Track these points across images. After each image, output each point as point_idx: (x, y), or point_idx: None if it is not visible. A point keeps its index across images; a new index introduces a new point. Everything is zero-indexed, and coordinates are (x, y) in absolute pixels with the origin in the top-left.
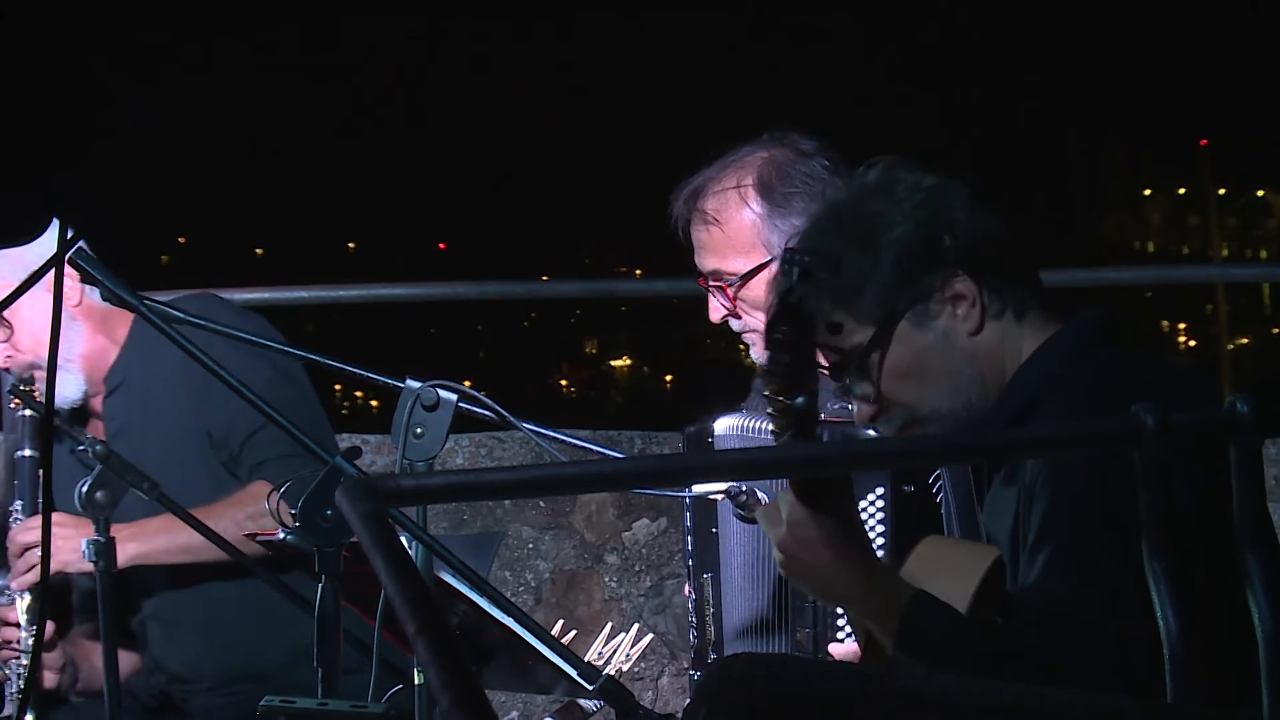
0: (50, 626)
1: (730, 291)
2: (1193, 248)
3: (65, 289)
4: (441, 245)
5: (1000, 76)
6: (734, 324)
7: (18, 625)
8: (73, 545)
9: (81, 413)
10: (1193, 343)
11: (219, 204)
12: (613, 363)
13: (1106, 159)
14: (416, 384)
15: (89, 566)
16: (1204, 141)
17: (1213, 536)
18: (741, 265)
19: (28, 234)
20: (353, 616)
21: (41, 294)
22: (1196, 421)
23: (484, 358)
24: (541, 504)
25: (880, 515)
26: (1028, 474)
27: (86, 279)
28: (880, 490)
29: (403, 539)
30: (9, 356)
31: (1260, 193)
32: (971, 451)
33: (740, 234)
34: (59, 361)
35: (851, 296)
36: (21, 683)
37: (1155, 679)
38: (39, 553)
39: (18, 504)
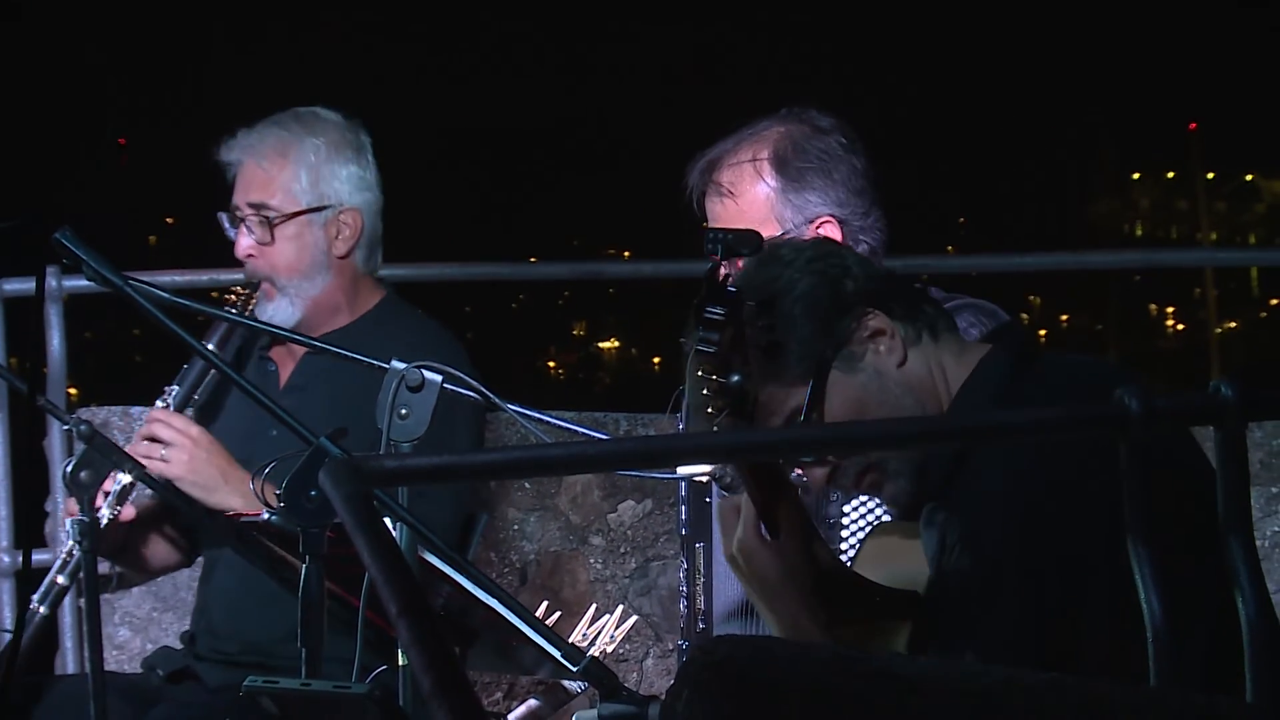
0: (129, 511)
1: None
2: (1181, 232)
3: (338, 237)
4: (428, 227)
5: (989, 61)
6: None
7: (105, 494)
8: (183, 459)
9: (280, 343)
10: (1181, 326)
11: (208, 184)
12: (601, 345)
13: (1095, 143)
14: (402, 365)
15: (196, 494)
16: (1193, 125)
17: (1195, 521)
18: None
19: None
20: (338, 598)
21: (317, 231)
22: (1181, 405)
23: (471, 339)
24: (527, 485)
25: (880, 514)
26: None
27: (72, 260)
28: (885, 515)
29: (386, 520)
30: (252, 256)
31: (1249, 177)
32: (952, 436)
33: (754, 207)
34: (290, 286)
35: (779, 365)
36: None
37: None
38: (159, 451)
39: (175, 388)
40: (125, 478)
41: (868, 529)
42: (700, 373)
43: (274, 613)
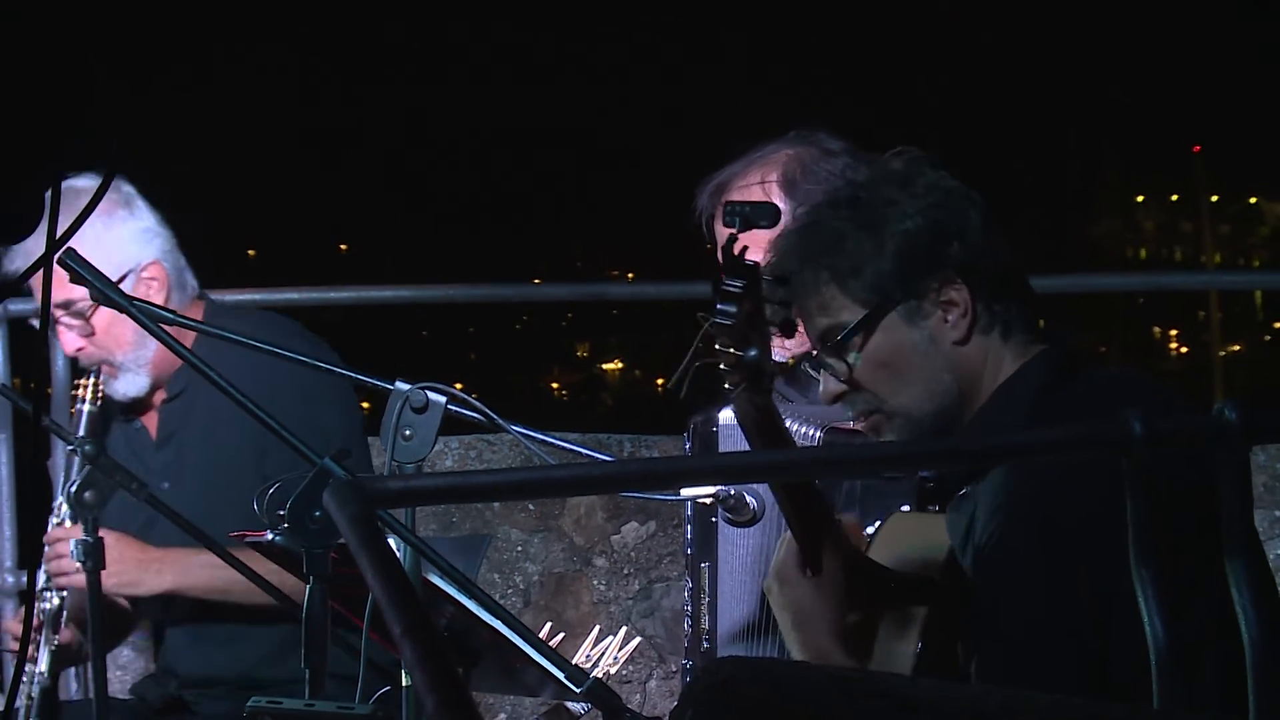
0: (66, 634)
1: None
2: (1185, 254)
3: (150, 294)
4: (432, 248)
5: (994, 82)
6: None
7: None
8: (112, 569)
9: (142, 404)
10: (1185, 350)
11: (210, 205)
12: (604, 366)
13: (1099, 165)
14: (406, 386)
15: (127, 592)
16: (1197, 148)
17: (1199, 543)
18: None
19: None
20: (341, 618)
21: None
22: (1184, 428)
23: (475, 360)
24: (530, 507)
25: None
26: (978, 532)
27: (75, 279)
28: (905, 508)
29: (391, 541)
30: (80, 349)
31: (1253, 200)
32: (961, 456)
33: (764, 230)
34: (128, 361)
35: (848, 273)
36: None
37: None
38: (72, 568)
39: (60, 499)
40: (53, 602)
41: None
42: (717, 346)
43: (248, 633)
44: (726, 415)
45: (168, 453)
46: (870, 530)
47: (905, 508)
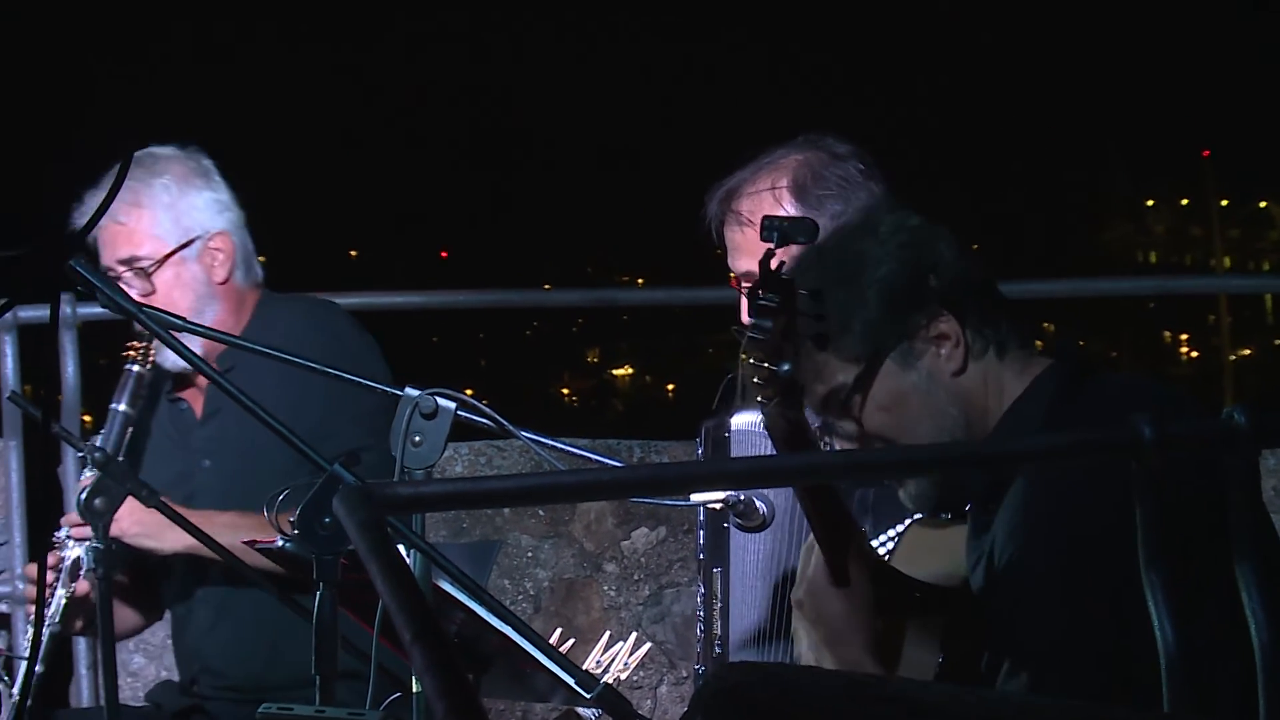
0: (83, 585)
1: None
2: (1195, 259)
3: (215, 265)
4: (443, 253)
5: (1004, 88)
6: None
7: (56, 573)
8: (136, 517)
9: (187, 381)
10: (1195, 354)
11: None
12: (614, 371)
13: (1109, 170)
14: (415, 392)
15: (147, 544)
16: (1206, 153)
17: (1209, 547)
18: None
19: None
20: (351, 624)
21: (194, 266)
22: (1194, 432)
23: (485, 366)
24: (540, 513)
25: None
26: (996, 548)
27: (86, 287)
28: (918, 516)
29: (401, 547)
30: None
31: (1263, 204)
32: (981, 460)
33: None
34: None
35: (839, 335)
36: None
37: None
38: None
39: (98, 441)
40: (73, 553)
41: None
42: (751, 360)
43: (267, 638)
44: (739, 420)
45: (210, 429)
46: (878, 543)
47: (918, 516)
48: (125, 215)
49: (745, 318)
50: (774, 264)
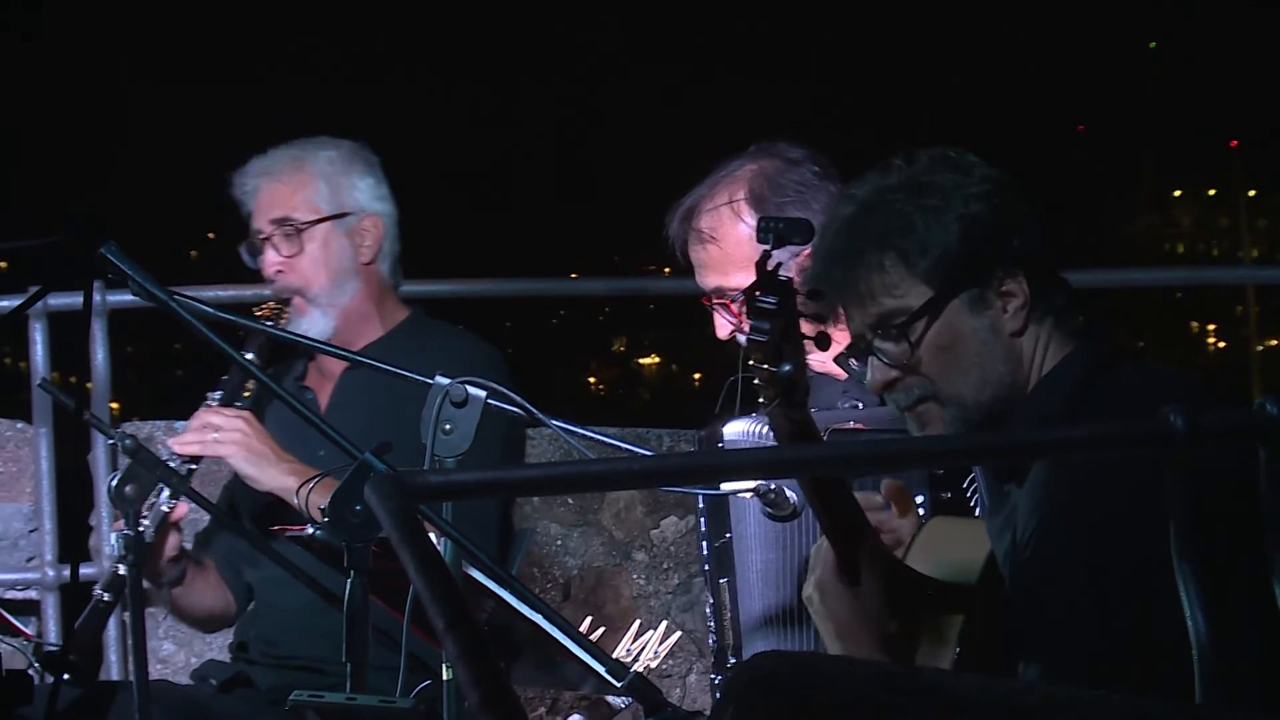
0: (183, 508)
1: (735, 307)
2: (1223, 249)
3: (363, 245)
4: (469, 242)
5: (1029, 79)
6: (742, 339)
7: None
8: (237, 437)
9: (316, 370)
10: (1222, 344)
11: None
12: (641, 361)
13: (1136, 160)
14: (446, 381)
15: (248, 470)
16: (1234, 143)
17: (1241, 538)
18: (743, 280)
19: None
20: (382, 612)
21: (342, 239)
22: (1226, 423)
23: (512, 354)
24: (570, 501)
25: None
26: (1020, 529)
27: (117, 275)
28: (920, 498)
29: (431, 535)
30: (280, 271)
31: None
32: (1001, 452)
33: (738, 249)
34: (320, 297)
35: (917, 254)
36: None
37: None
38: (211, 434)
39: (217, 393)
40: (164, 498)
41: None
42: (751, 361)
43: (324, 623)
44: (731, 429)
45: (333, 420)
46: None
47: (919, 498)
48: (287, 177)
49: (720, 333)
50: (770, 265)
